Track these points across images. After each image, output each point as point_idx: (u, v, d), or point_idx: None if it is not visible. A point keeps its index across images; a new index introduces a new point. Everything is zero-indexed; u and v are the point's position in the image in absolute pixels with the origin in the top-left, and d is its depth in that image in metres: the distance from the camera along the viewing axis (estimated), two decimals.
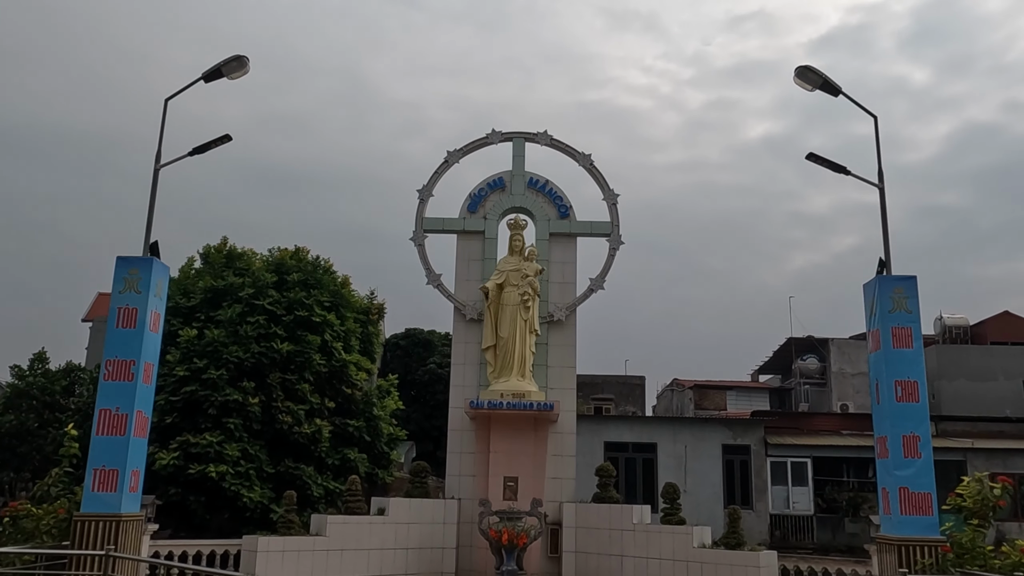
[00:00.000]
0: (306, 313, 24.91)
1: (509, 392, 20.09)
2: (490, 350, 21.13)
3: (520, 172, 22.92)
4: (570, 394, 21.53)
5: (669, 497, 18.84)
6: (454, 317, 22.14)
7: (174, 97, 17.41)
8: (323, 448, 24.26)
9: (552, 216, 22.64)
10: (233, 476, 22.27)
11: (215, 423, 22.73)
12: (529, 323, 20.98)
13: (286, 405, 23.61)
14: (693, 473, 32.89)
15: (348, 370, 25.72)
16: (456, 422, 21.27)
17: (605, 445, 33.09)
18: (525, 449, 20.21)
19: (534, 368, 21.21)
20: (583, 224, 22.65)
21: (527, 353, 20.84)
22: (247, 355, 23.39)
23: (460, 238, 22.57)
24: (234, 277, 25.05)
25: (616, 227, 22.52)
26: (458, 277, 22.27)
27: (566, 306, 22.00)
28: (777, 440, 32.94)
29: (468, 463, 20.91)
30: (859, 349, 43.79)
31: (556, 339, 21.88)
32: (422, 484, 20.25)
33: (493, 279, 21.31)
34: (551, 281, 22.16)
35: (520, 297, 20.86)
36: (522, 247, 21.69)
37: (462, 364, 21.80)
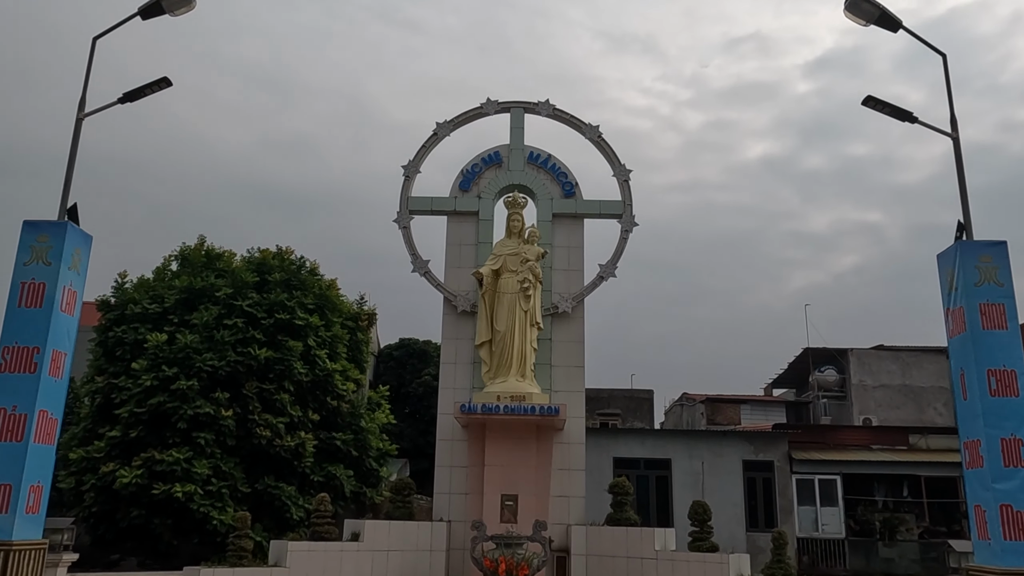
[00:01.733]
0: (287, 316, 22.15)
1: (507, 394, 16.91)
2: (485, 347, 17.96)
3: (519, 146, 19.85)
4: (578, 398, 18.33)
5: (698, 518, 15.58)
6: (443, 309, 18.98)
7: (103, 36, 14.31)
8: (306, 464, 21.65)
9: (556, 195, 19.50)
10: (202, 496, 19.75)
11: (184, 438, 20.26)
12: (530, 315, 17.80)
13: (264, 418, 20.99)
14: (711, 492, 29.47)
15: (333, 380, 22.98)
16: (446, 431, 18.07)
17: (614, 461, 29.74)
18: (526, 462, 17.06)
19: (536, 367, 18.12)
20: (591, 203, 19.53)
21: (528, 349, 17.65)
22: (222, 363, 20.84)
23: (451, 220, 19.46)
24: (213, 278, 22.53)
25: (629, 206, 19.37)
26: (448, 264, 19.16)
27: (572, 296, 18.81)
28: (803, 455, 29.65)
29: (459, 479, 17.73)
30: (880, 360, 40.82)
31: (561, 334, 18.69)
32: (405, 503, 17.01)
33: (488, 264, 18.17)
34: (555, 268, 19.01)
35: (519, 284, 17.68)
36: (521, 228, 18.57)
37: (452, 363, 18.61)
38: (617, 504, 17.02)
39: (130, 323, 21.62)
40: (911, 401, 40.40)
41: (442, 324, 18.96)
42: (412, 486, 17.59)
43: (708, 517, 15.64)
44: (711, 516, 15.83)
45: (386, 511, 17.20)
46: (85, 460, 20.13)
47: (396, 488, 17.19)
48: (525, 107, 20.01)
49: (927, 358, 40.73)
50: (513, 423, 16.98)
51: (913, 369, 40.87)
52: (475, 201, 19.44)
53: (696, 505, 15.89)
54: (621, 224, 19.33)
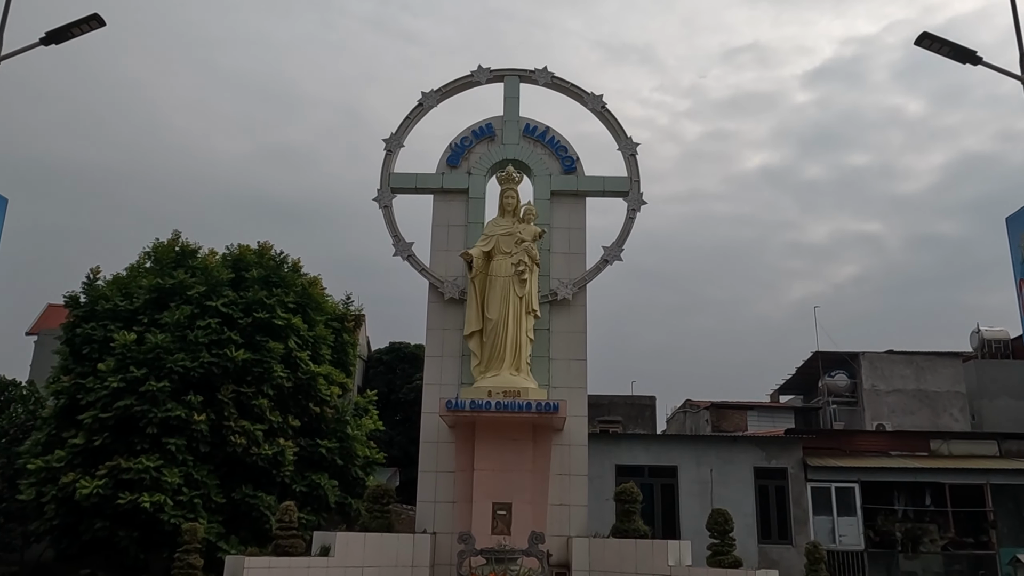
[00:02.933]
0: (267, 315, 20.54)
1: (499, 389, 14.86)
2: (475, 337, 15.92)
3: (513, 117, 17.84)
4: (580, 394, 16.26)
5: (719, 529, 13.42)
6: (429, 297, 16.92)
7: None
8: (286, 473, 20.10)
9: (554, 171, 17.44)
10: (173, 507, 18.26)
11: (154, 444, 18.78)
12: (525, 301, 15.73)
13: (240, 423, 19.53)
14: (720, 501, 27.15)
15: (316, 384, 21.38)
16: (430, 432, 15.99)
17: (616, 469, 27.52)
18: (521, 466, 15.05)
19: (532, 360, 16.08)
20: (593, 180, 17.48)
21: (523, 340, 15.58)
22: (195, 364, 19.36)
23: (438, 199, 17.41)
24: (184, 275, 20.95)
25: (636, 183, 17.32)
26: (434, 246, 17.11)
27: (573, 282, 16.73)
28: (818, 462, 27.42)
29: (446, 485, 15.69)
30: (893, 364, 38.72)
31: (561, 323, 16.59)
32: (383, 513, 14.90)
33: (479, 245, 16.13)
34: (554, 251, 16.95)
35: (513, 267, 15.59)
36: (516, 206, 16.53)
37: (439, 357, 16.51)
38: (624, 513, 14.87)
39: (99, 320, 20.14)
40: (926, 407, 38.26)
41: (427, 313, 16.85)
42: (391, 493, 15.46)
43: (730, 527, 13.49)
44: (733, 526, 13.61)
45: (362, 522, 15.03)
46: (45, 470, 18.70)
47: (373, 496, 15.06)
48: (520, 75, 17.99)
49: (942, 362, 38.64)
50: (506, 422, 14.92)
51: (927, 374, 38.72)
52: (464, 178, 17.37)
53: (716, 514, 13.71)
54: (628, 202, 17.27)
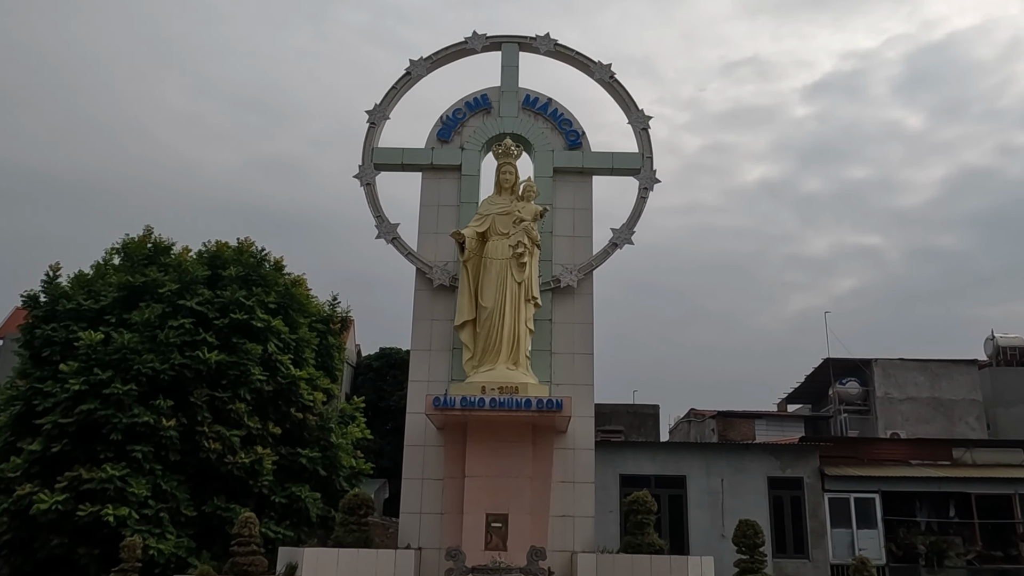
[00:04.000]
0: (245, 316, 19.12)
1: (494, 385, 13.00)
2: (467, 328, 14.06)
3: (512, 88, 16.00)
4: (586, 393, 14.39)
5: (747, 543, 11.59)
6: (416, 284, 15.04)
7: None
8: (264, 483, 18.69)
9: (557, 146, 15.58)
10: (138, 521, 16.78)
11: (118, 452, 17.36)
12: (524, 288, 13.86)
13: (215, 430, 18.18)
14: (732, 513, 25.34)
15: (298, 388, 20.01)
16: (416, 434, 14.09)
17: (621, 479, 25.75)
18: (519, 472, 13.26)
19: (532, 355, 14.08)
20: (601, 156, 15.65)
21: (521, 330, 13.71)
22: (165, 366, 17.98)
23: (427, 176, 15.55)
24: (157, 272, 19.58)
25: (648, 159, 15.50)
26: (422, 228, 15.27)
27: (579, 267, 14.83)
28: (836, 471, 25.53)
29: (432, 494, 13.81)
30: (907, 371, 36.93)
31: (564, 313, 14.71)
32: (360, 526, 12.97)
33: (473, 224, 14.31)
34: (556, 234, 15.08)
35: (511, 249, 13.67)
36: (514, 182, 14.71)
37: (426, 351, 14.60)
38: (636, 525, 12.97)
39: (61, 321, 18.71)
40: (941, 415, 36.43)
41: (413, 302, 14.96)
42: (370, 503, 13.54)
43: (760, 541, 11.66)
44: (763, 540, 11.67)
45: (335, 536, 13.09)
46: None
47: (349, 506, 13.13)
48: (520, 42, 16.18)
49: (957, 369, 36.93)
50: (502, 422, 13.07)
51: (943, 381, 36.94)
52: (457, 153, 15.52)
53: (745, 526, 11.83)
54: (639, 180, 15.44)
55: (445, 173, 15.50)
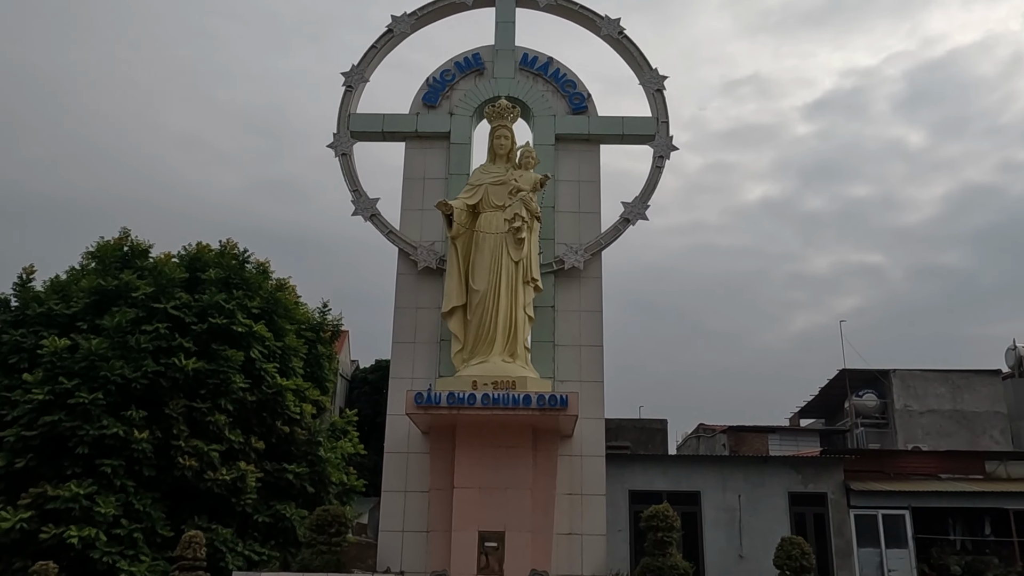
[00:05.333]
0: (225, 320, 17.53)
1: (488, 379, 10.86)
2: (456, 315, 11.93)
3: (507, 46, 13.98)
4: (595, 391, 12.31)
5: (793, 565, 9.32)
6: (398, 267, 12.99)
7: None
8: (247, 502, 17.21)
9: (560, 111, 13.52)
10: (108, 542, 15.33)
11: (87, 467, 15.95)
12: (523, 268, 11.76)
13: (192, 443, 16.68)
14: (751, 532, 23.27)
15: (284, 399, 18.39)
16: (398, 439, 11.98)
17: (630, 495, 23.72)
18: (517, 482, 11.14)
19: (532, 346, 11.91)
20: (609, 121, 13.60)
21: (519, 317, 11.60)
22: (137, 374, 16.40)
23: (411, 145, 13.51)
24: (131, 276, 18.10)
25: (664, 124, 13.47)
26: (405, 204, 13.23)
27: (585, 247, 12.72)
28: (862, 486, 23.39)
29: (416, 508, 11.73)
30: (927, 382, 34.81)
31: (568, 299, 12.61)
32: (330, 547, 10.69)
33: (463, 196, 12.26)
34: (559, 209, 13.01)
35: (507, 223, 11.55)
36: (510, 148, 12.66)
37: (410, 343, 12.50)
38: (657, 544, 10.78)
39: (31, 326, 17.34)
40: (963, 428, 34.27)
41: (395, 287, 12.85)
42: (342, 519, 11.37)
43: (809, 564, 9.35)
44: (813, 562, 9.46)
45: (300, 559, 10.94)
46: None
47: (317, 524, 11.00)
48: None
49: (980, 380, 34.87)
50: (497, 423, 10.98)
51: (965, 392, 34.84)
52: (445, 119, 13.48)
53: (790, 545, 9.64)
54: (654, 148, 13.37)
55: (432, 142, 13.46)
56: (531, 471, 11.21)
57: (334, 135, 13.43)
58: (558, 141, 13.39)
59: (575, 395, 10.84)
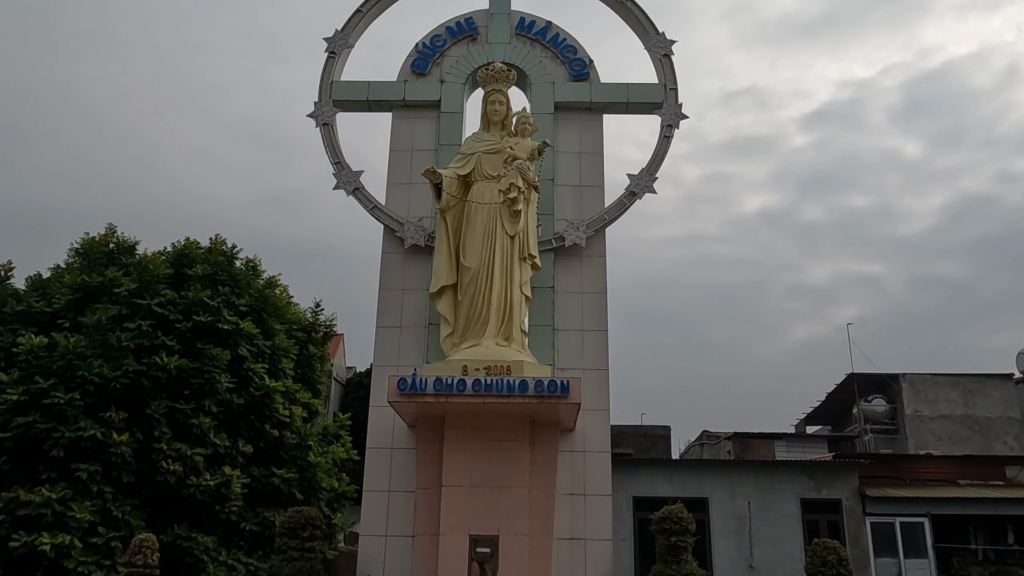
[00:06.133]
0: (210, 318, 16.51)
1: (480, 363, 9.58)
2: (446, 296, 10.66)
3: (503, 10, 12.88)
4: (600, 380, 10.96)
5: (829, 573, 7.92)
6: (383, 246, 11.75)
7: None
8: (232, 509, 16.16)
9: (559, 77, 12.32)
10: (83, 550, 14.33)
11: (62, 471, 14.94)
12: (519, 243, 10.47)
13: (175, 447, 15.66)
14: (761, 540, 21.96)
15: (273, 402, 17.30)
16: (381, 434, 10.68)
17: (634, 502, 22.51)
18: (513, 480, 9.78)
19: (529, 331, 10.61)
20: (613, 88, 12.38)
21: (515, 297, 10.34)
22: (117, 373, 15.45)
23: (398, 115, 12.28)
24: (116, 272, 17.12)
25: (672, 91, 12.26)
26: (392, 178, 12.00)
27: (587, 223, 11.48)
28: (878, 492, 22.05)
29: (400, 510, 10.39)
30: (938, 387, 33.57)
31: (570, 279, 11.36)
32: (303, 552, 9.42)
33: (453, 165, 11.00)
34: (559, 183, 11.79)
35: (502, 194, 10.32)
36: (505, 115, 11.45)
37: (395, 328, 11.24)
38: (670, 550, 9.46)
39: (8, 324, 16.55)
40: (976, 434, 33.00)
41: (380, 267, 11.56)
42: (316, 523, 10.03)
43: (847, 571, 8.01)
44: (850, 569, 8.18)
45: (271, 565, 9.66)
46: None
47: (288, 527, 9.67)
48: None
49: (992, 384, 33.62)
50: (490, 413, 9.67)
51: (977, 397, 33.58)
52: (435, 87, 12.25)
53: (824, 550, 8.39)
54: (661, 117, 12.13)
55: (421, 111, 12.24)
56: (528, 468, 9.92)
57: (315, 104, 12.22)
58: (557, 110, 12.17)
59: (577, 380, 9.55)
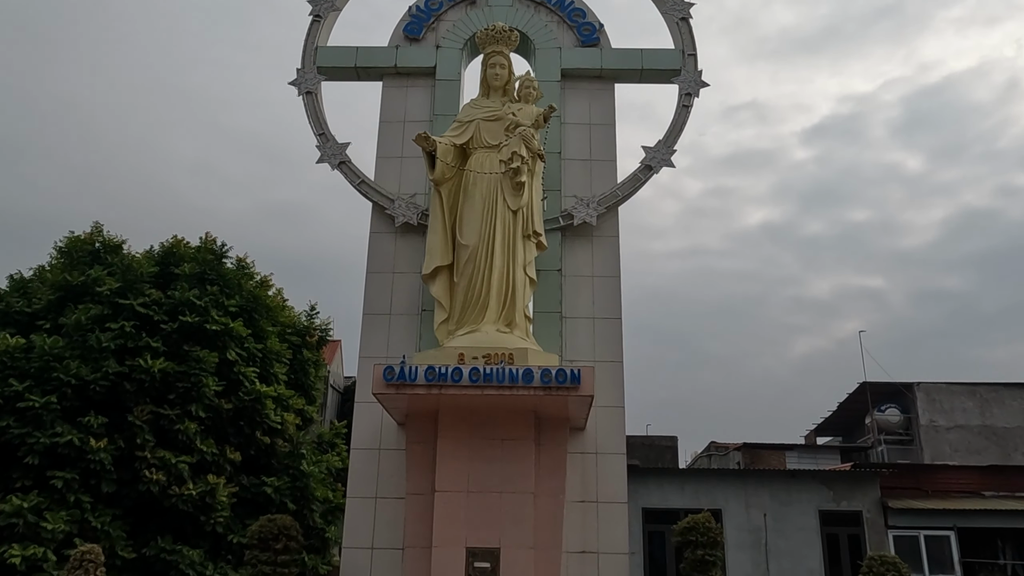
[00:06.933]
0: (197, 318, 15.58)
1: (478, 351, 8.33)
2: (440, 278, 9.40)
3: None
4: (613, 373, 9.58)
5: None
6: (371, 224, 10.48)
7: None
8: (219, 520, 15.30)
9: (566, 43, 11.08)
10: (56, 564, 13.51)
11: (37, 479, 14.18)
12: (523, 219, 9.21)
13: (158, 454, 14.86)
14: (778, 554, 20.62)
15: (264, 407, 16.41)
16: (366, 433, 9.47)
17: (644, 514, 21.09)
18: (516, 485, 8.53)
19: (534, 318, 9.27)
20: (626, 55, 11.14)
21: (518, 278, 9.10)
22: (97, 375, 14.63)
23: (390, 84, 11.08)
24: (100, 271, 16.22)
25: (691, 57, 10.99)
26: (382, 151, 10.79)
27: (599, 199, 10.16)
28: (901, 503, 20.71)
29: (389, 520, 9.15)
30: (954, 396, 32.24)
31: (579, 262, 10.12)
32: (276, 566, 8.14)
33: (451, 133, 9.64)
34: (566, 157, 10.56)
35: (503, 164, 9.06)
36: (507, 80, 10.13)
37: (384, 315, 10.00)
38: (697, 566, 8.20)
39: None
40: (993, 444, 31.66)
41: (368, 248, 10.27)
42: (291, 532, 8.73)
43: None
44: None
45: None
46: None
47: (260, 537, 8.37)
48: None
49: (1010, 393, 32.33)
50: (490, 407, 8.39)
51: (994, 407, 32.22)
52: (430, 53, 11.02)
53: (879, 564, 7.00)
54: (679, 85, 10.86)
55: (414, 80, 11.03)
56: (533, 471, 8.62)
57: (298, 71, 10.99)
58: (564, 78, 10.94)
59: (590, 370, 8.26)
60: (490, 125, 9.77)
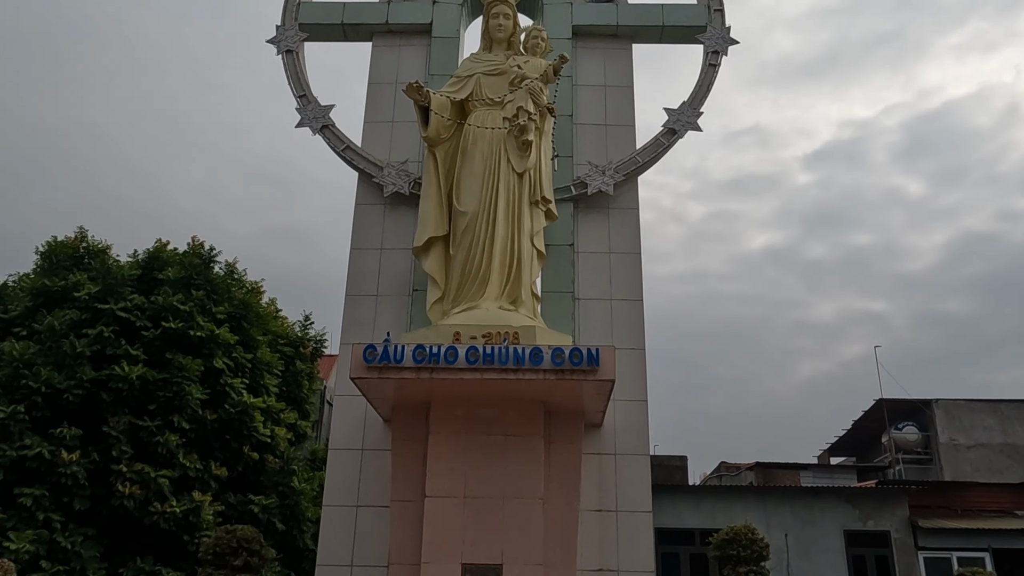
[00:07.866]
0: (181, 324, 14.60)
1: (477, 329, 6.95)
2: (435, 251, 8.05)
3: None
4: (633, 362, 8.12)
5: None
6: (356, 196, 9.14)
7: None
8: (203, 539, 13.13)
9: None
10: None
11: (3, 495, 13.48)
12: (530, 183, 7.83)
13: (136, 468, 13.93)
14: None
15: (252, 420, 15.39)
16: (346, 431, 8.04)
17: (658, 534, 19.43)
18: (522, 490, 7.07)
19: (543, 298, 7.88)
20: (645, 11, 9.84)
21: (523, 248, 7.73)
22: (71, 383, 13.75)
23: (380, 42, 9.83)
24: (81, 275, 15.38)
25: (718, 13, 9.58)
26: (370, 115, 9.51)
27: (616, 167, 8.79)
28: (932, 523, 19.17)
29: (371, 531, 7.65)
30: (974, 413, 30.84)
31: (594, 236, 8.75)
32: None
33: (447, 88, 8.29)
34: (579, 121, 9.25)
35: (508, 121, 7.69)
36: (512, 32, 8.88)
37: (371, 296, 8.69)
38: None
39: None
40: (1016, 463, 30.18)
41: (353, 221, 8.90)
42: (254, 547, 7.28)
43: None
44: None
45: None
46: None
47: (215, 552, 6.96)
48: None
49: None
50: (491, 396, 7.00)
51: (1016, 424, 30.81)
52: (426, 8, 9.73)
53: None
54: (705, 44, 9.53)
55: (408, 38, 9.75)
56: (542, 473, 7.20)
57: (278, 27, 9.69)
58: (576, 36, 9.66)
59: (610, 349, 6.83)
60: (492, 80, 8.46)
